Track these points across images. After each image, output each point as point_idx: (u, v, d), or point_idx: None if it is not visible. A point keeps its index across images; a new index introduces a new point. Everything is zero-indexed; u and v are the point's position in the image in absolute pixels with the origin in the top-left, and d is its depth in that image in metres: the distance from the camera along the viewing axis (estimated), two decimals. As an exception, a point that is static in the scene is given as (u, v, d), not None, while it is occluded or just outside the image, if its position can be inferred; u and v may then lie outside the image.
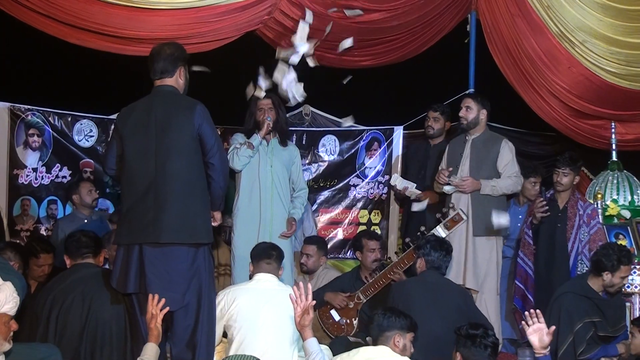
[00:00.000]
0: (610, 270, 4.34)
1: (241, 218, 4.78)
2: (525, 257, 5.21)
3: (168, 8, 5.14)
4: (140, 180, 3.55)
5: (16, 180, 5.89)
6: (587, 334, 4.27)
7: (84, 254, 3.91)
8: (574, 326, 4.29)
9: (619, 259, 4.33)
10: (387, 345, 3.46)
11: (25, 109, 5.97)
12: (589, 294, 4.40)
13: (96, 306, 3.70)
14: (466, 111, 5.06)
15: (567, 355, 4.27)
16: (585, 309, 4.34)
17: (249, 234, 4.72)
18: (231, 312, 3.81)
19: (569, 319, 4.31)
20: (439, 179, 5.07)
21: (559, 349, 4.29)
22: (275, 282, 4.02)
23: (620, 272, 4.35)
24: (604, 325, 4.34)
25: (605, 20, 5.82)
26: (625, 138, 6.37)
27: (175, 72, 3.68)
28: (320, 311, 5.13)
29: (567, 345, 4.28)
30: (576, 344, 4.26)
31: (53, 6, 4.94)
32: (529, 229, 5.21)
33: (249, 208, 4.77)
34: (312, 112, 6.79)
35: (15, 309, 3.11)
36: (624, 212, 5.75)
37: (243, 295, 3.85)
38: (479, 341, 3.34)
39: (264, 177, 4.77)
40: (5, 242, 4.77)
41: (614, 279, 4.35)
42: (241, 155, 4.72)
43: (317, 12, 5.59)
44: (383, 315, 3.54)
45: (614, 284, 4.37)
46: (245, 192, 4.78)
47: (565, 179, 5.10)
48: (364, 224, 6.55)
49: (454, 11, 6.16)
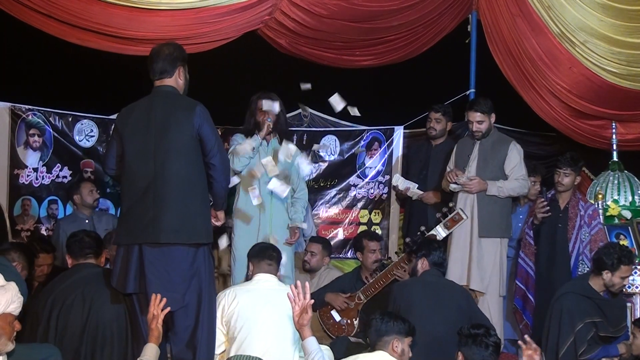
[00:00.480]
0: (610, 269, 4.34)
1: (241, 219, 4.77)
2: (526, 258, 5.20)
3: (168, 9, 5.14)
4: (139, 180, 3.54)
5: (17, 180, 5.88)
6: (588, 334, 4.27)
7: (86, 254, 3.92)
8: (575, 326, 4.28)
9: (619, 258, 4.32)
10: (386, 350, 3.46)
11: (26, 108, 5.96)
12: (590, 294, 4.40)
13: (97, 306, 3.70)
14: (479, 125, 5.04)
15: (568, 355, 4.27)
16: (586, 309, 4.33)
17: (249, 235, 4.71)
18: (232, 312, 3.80)
19: (570, 319, 4.30)
20: (448, 178, 5.07)
21: (559, 349, 4.30)
22: (276, 282, 4.01)
23: (620, 271, 4.34)
24: (604, 325, 4.34)
25: (606, 21, 5.82)
26: (625, 138, 6.38)
27: (175, 72, 3.68)
28: (321, 312, 5.13)
29: (568, 346, 4.28)
30: (577, 344, 4.26)
31: (54, 6, 4.94)
32: (529, 229, 5.20)
33: (249, 209, 4.76)
34: (311, 113, 6.78)
35: (19, 309, 3.11)
36: (624, 213, 5.75)
37: (243, 295, 3.84)
38: (480, 340, 3.35)
39: (262, 178, 4.76)
40: (10, 243, 4.75)
41: (614, 278, 4.35)
42: (241, 157, 4.72)
43: (316, 13, 5.61)
44: (381, 320, 3.54)
45: (614, 284, 4.36)
46: (245, 193, 4.78)
47: (567, 179, 5.09)
48: (364, 224, 6.55)
49: (455, 11, 6.16)
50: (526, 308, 5.19)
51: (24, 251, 4.28)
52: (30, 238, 5.70)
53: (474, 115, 5.05)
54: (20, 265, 4.04)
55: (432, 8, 5.99)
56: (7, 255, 3.93)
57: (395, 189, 5.79)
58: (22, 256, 4.19)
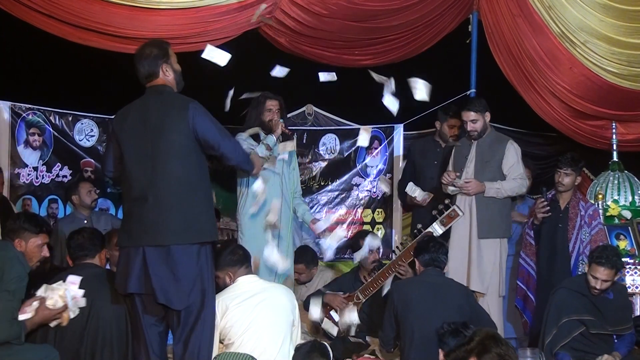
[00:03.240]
0: (588, 266, 4.42)
1: (248, 219, 4.77)
2: (527, 258, 5.21)
3: (169, 8, 5.14)
4: (138, 183, 3.53)
5: (17, 180, 5.89)
6: (572, 331, 4.35)
7: (86, 254, 3.92)
8: (559, 321, 4.38)
9: (593, 257, 4.39)
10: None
11: (26, 108, 5.96)
12: (584, 291, 4.44)
13: (97, 307, 3.70)
14: (473, 124, 5.04)
15: (550, 347, 4.38)
16: (575, 306, 4.38)
17: (256, 234, 4.70)
18: (226, 324, 3.81)
19: (557, 313, 4.40)
20: (443, 180, 5.07)
21: (545, 339, 4.41)
22: (260, 281, 4.02)
23: (591, 270, 4.38)
24: (596, 323, 4.38)
25: (606, 21, 5.82)
26: (626, 138, 6.38)
27: (159, 72, 3.63)
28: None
29: (552, 337, 4.37)
30: (557, 338, 4.36)
31: (54, 5, 4.93)
32: (530, 229, 5.21)
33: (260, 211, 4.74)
34: (315, 111, 6.78)
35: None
36: (624, 213, 5.76)
37: (233, 301, 3.84)
38: (458, 332, 3.58)
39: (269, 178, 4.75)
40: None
41: (589, 275, 4.40)
42: None
43: (316, 12, 5.60)
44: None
45: (589, 281, 4.40)
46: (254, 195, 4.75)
47: (567, 179, 5.09)
48: (368, 223, 6.56)
49: (456, 11, 6.16)
50: (527, 308, 5.20)
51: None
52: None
53: (467, 115, 5.05)
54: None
55: (433, 8, 5.98)
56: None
57: (412, 199, 5.57)
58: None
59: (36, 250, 3.66)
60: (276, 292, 3.97)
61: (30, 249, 3.64)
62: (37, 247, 3.66)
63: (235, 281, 3.98)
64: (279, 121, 4.78)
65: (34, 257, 3.66)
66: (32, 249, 3.65)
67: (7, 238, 3.65)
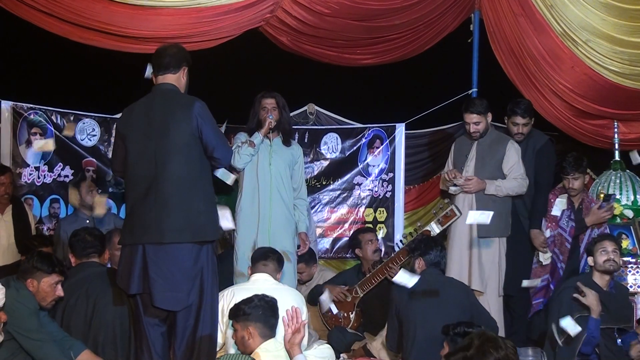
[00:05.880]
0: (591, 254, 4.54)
1: (242, 217, 4.77)
2: (558, 252, 5.22)
3: (170, 7, 5.15)
4: (141, 181, 3.55)
5: (19, 179, 5.88)
6: (584, 327, 4.28)
7: (89, 253, 3.93)
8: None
9: (594, 241, 4.56)
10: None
11: (27, 107, 5.95)
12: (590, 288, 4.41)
13: (100, 306, 3.71)
14: (476, 126, 5.06)
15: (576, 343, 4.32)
16: (581, 303, 4.36)
17: (249, 234, 4.72)
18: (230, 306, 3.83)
19: (569, 312, 4.33)
20: (446, 178, 5.07)
21: (559, 338, 4.33)
22: (272, 281, 4.06)
23: (596, 250, 4.48)
24: (603, 317, 4.35)
25: (608, 20, 5.81)
26: (628, 137, 6.37)
27: (179, 71, 3.69)
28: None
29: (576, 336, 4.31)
30: (580, 334, 4.27)
31: (56, 4, 4.94)
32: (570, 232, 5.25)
33: (250, 207, 4.76)
34: (317, 110, 6.78)
35: (3, 301, 3.24)
36: (626, 212, 5.75)
37: (241, 293, 3.85)
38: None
39: (262, 176, 4.76)
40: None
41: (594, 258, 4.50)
42: (242, 154, 4.71)
43: (318, 11, 5.60)
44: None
45: (597, 262, 4.47)
46: (247, 192, 4.78)
47: (577, 183, 5.22)
48: (370, 222, 6.55)
49: (457, 10, 6.15)
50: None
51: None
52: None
53: (470, 117, 5.06)
54: None
55: (434, 7, 5.98)
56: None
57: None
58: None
59: (49, 289, 3.63)
60: (286, 294, 3.98)
61: (43, 288, 3.60)
62: (50, 286, 3.63)
63: (251, 277, 4.10)
64: (267, 118, 4.78)
65: (48, 297, 3.63)
66: (45, 288, 3.61)
67: (20, 279, 3.63)
